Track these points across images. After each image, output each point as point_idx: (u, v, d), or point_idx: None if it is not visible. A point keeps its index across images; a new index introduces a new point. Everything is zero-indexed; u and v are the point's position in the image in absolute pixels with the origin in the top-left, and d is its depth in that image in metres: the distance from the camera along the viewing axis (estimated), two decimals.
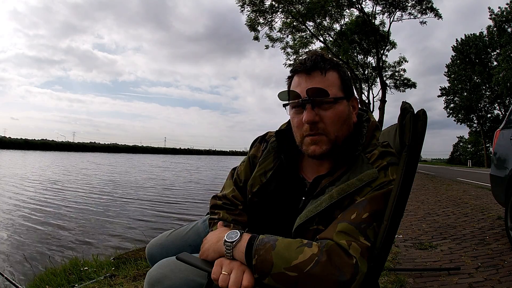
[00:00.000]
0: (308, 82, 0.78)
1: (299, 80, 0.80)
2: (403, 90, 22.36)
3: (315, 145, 0.78)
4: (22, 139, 75.50)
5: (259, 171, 0.89)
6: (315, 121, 0.76)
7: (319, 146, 0.78)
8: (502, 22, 28.10)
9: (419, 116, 0.73)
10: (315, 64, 0.78)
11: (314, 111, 0.76)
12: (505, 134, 3.18)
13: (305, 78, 0.79)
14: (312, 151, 0.78)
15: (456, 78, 33.92)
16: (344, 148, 0.80)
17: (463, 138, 52.89)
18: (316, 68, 0.78)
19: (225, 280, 0.67)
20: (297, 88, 0.79)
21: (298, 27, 18.99)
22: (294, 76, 0.82)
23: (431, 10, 17.14)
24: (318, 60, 0.79)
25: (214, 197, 0.96)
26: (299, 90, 0.78)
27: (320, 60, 0.79)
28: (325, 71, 0.78)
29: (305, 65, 0.79)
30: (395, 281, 2.07)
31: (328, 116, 0.77)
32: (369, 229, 0.69)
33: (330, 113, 0.77)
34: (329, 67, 0.79)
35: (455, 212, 4.54)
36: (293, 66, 0.84)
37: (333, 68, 0.80)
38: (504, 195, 2.86)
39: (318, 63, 0.78)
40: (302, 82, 0.79)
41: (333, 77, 0.79)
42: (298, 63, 0.81)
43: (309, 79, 0.78)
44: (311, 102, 0.76)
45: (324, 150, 0.78)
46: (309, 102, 0.76)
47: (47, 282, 2.46)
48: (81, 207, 6.94)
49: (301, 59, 0.82)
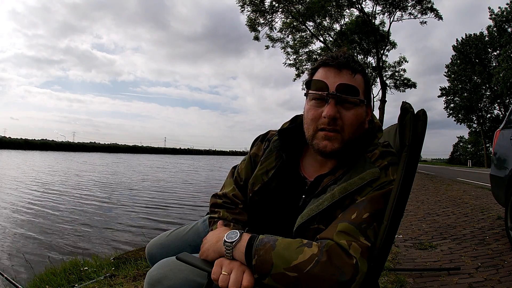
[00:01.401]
0: (338, 77, 0.77)
1: (327, 73, 0.79)
2: (403, 90, 22.38)
3: (328, 141, 0.77)
4: (22, 139, 75.43)
5: (260, 169, 0.89)
6: (336, 117, 0.76)
7: (332, 143, 0.77)
8: (502, 22, 28.11)
9: (419, 116, 0.73)
10: (348, 62, 0.78)
11: (336, 108, 0.76)
12: (505, 134, 3.18)
13: (334, 72, 0.78)
14: (323, 146, 0.77)
15: (456, 78, 33.92)
16: (351, 149, 0.80)
17: (463, 138, 52.96)
18: (348, 66, 0.78)
19: (225, 280, 0.67)
20: (325, 80, 0.78)
21: (298, 27, 19.00)
22: (319, 68, 0.81)
23: (431, 10, 17.15)
24: (350, 59, 0.78)
25: (214, 196, 0.96)
26: (328, 82, 0.77)
27: (352, 60, 0.79)
28: (355, 72, 0.78)
29: (337, 60, 0.78)
30: (395, 281, 2.07)
31: (349, 116, 0.77)
32: (369, 229, 0.69)
33: (351, 114, 0.77)
34: (360, 69, 0.80)
35: (455, 212, 4.54)
36: (320, 59, 0.83)
37: (361, 71, 0.80)
38: (504, 195, 2.86)
39: (350, 62, 0.78)
40: (330, 75, 0.78)
41: (360, 80, 0.80)
42: (329, 56, 0.80)
43: (338, 75, 0.77)
44: (336, 98, 0.76)
45: (335, 148, 0.77)
46: (334, 97, 0.76)
47: (47, 282, 2.47)
48: (81, 207, 6.95)
49: (332, 54, 0.81)
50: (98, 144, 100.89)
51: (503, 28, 28.20)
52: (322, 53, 17.41)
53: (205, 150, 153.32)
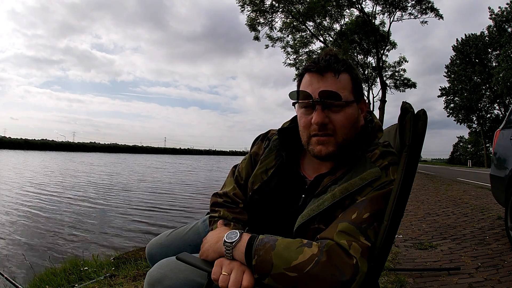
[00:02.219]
0: (321, 83, 0.77)
1: (310, 80, 0.78)
2: (403, 90, 22.40)
3: (321, 146, 0.77)
4: (22, 139, 75.41)
5: (260, 168, 0.89)
6: (325, 123, 0.76)
7: (326, 147, 0.77)
8: (502, 22, 28.10)
9: (419, 116, 0.73)
10: (329, 65, 0.77)
11: (324, 113, 0.76)
12: (505, 134, 3.18)
13: (317, 78, 0.77)
14: (318, 151, 0.78)
15: (456, 78, 33.89)
16: (348, 149, 0.79)
17: (463, 138, 52.96)
18: (329, 69, 0.77)
19: (225, 280, 0.67)
20: (308, 88, 0.78)
21: (298, 27, 19.01)
22: (305, 74, 0.81)
23: (431, 10, 17.16)
24: (332, 61, 0.77)
25: (214, 195, 0.96)
26: (310, 90, 0.77)
27: (334, 61, 0.77)
28: (339, 73, 0.77)
29: (318, 65, 0.77)
30: (395, 281, 2.07)
31: (338, 119, 0.76)
32: (369, 229, 0.69)
33: (340, 116, 0.76)
34: (343, 69, 0.78)
35: (455, 212, 4.54)
36: (304, 64, 0.83)
37: (346, 70, 0.79)
38: (504, 195, 2.86)
39: (331, 64, 0.77)
40: (314, 82, 0.77)
41: (345, 79, 0.78)
42: (311, 61, 0.79)
43: (321, 80, 0.77)
44: (321, 104, 0.76)
45: (330, 151, 0.77)
46: (319, 103, 0.76)
47: (47, 282, 2.46)
48: (81, 207, 6.94)
49: (314, 58, 0.80)
50: (98, 144, 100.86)
51: (503, 28, 28.19)
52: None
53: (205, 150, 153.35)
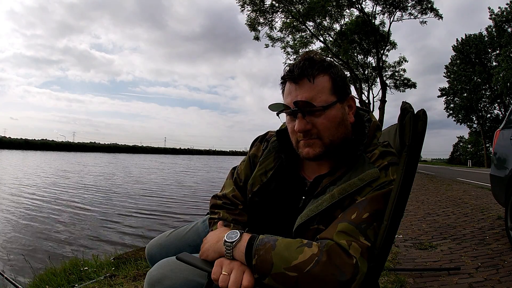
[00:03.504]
0: (298, 91, 0.77)
1: (289, 89, 0.79)
2: (403, 90, 22.40)
3: (308, 148, 0.78)
4: (22, 139, 75.41)
5: (259, 170, 0.89)
6: (307, 129, 0.77)
7: (313, 148, 0.78)
8: (502, 22, 28.11)
9: (419, 116, 0.72)
10: (302, 72, 0.76)
11: (305, 120, 0.76)
12: (505, 134, 3.18)
13: (294, 87, 0.78)
14: (306, 153, 0.79)
15: (456, 78, 33.89)
16: (343, 148, 0.80)
17: (463, 138, 52.94)
18: (303, 75, 0.76)
19: (225, 280, 0.67)
20: (288, 98, 0.79)
21: (298, 27, 19.00)
22: (286, 82, 0.81)
23: (431, 10, 17.15)
24: (305, 66, 0.76)
25: (214, 197, 0.96)
26: (289, 100, 0.78)
27: (308, 66, 0.76)
28: (313, 77, 0.76)
29: (292, 73, 0.77)
30: (395, 281, 2.07)
31: (320, 123, 0.77)
32: (369, 229, 0.69)
33: (322, 120, 0.77)
34: (317, 72, 0.77)
35: (455, 212, 4.54)
36: (283, 71, 0.82)
37: (322, 71, 0.77)
38: (504, 195, 2.86)
39: (305, 70, 0.76)
40: (292, 90, 0.78)
41: (322, 82, 0.77)
42: (287, 70, 0.80)
43: (298, 87, 0.77)
44: (301, 112, 0.76)
45: (317, 152, 0.78)
46: (298, 112, 0.77)
47: (47, 282, 2.46)
48: (81, 208, 6.94)
49: (290, 65, 0.80)
50: (98, 144, 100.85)
51: (503, 28, 28.19)
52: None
53: (205, 150, 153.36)
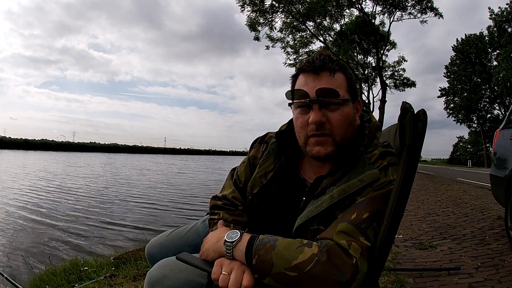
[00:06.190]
0: (317, 82, 0.77)
1: (306, 79, 0.78)
2: (403, 89, 22.40)
3: (320, 146, 0.77)
4: (22, 139, 75.37)
5: (259, 172, 0.89)
6: (322, 122, 0.75)
7: (324, 147, 0.77)
8: (502, 22, 28.12)
9: (419, 116, 0.72)
10: (324, 64, 0.77)
11: (321, 112, 0.76)
12: (505, 134, 3.18)
13: (313, 77, 0.77)
14: (316, 152, 0.77)
15: (456, 78, 33.90)
16: (346, 149, 0.79)
17: (463, 138, 52.94)
18: (324, 68, 0.77)
19: (225, 280, 0.67)
20: (305, 87, 0.77)
21: (298, 27, 18.99)
22: (299, 75, 0.81)
23: (431, 9, 17.14)
24: (326, 60, 0.77)
25: (214, 198, 0.96)
26: (307, 89, 0.77)
27: (329, 61, 0.78)
28: (334, 72, 0.77)
29: (313, 65, 0.77)
30: (395, 281, 2.07)
31: (336, 118, 0.76)
32: (369, 229, 0.69)
33: (337, 115, 0.76)
34: (338, 68, 0.78)
35: (455, 212, 4.54)
36: (298, 65, 0.83)
37: (340, 69, 0.79)
38: (504, 195, 2.86)
39: (326, 63, 0.77)
40: (309, 81, 0.77)
41: (340, 78, 0.78)
42: (306, 62, 0.80)
43: (317, 79, 0.77)
44: (318, 103, 0.76)
45: (329, 151, 0.77)
46: (317, 102, 0.76)
47: (47, 282, 2.46)
48: (80, 208, 6.94)
49: (308, 58, 0.80)
50: (98, 144, 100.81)
51: (503, 28, 28.20)
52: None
53: (205, 150, 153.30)
